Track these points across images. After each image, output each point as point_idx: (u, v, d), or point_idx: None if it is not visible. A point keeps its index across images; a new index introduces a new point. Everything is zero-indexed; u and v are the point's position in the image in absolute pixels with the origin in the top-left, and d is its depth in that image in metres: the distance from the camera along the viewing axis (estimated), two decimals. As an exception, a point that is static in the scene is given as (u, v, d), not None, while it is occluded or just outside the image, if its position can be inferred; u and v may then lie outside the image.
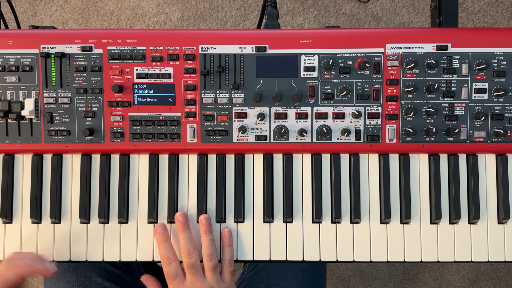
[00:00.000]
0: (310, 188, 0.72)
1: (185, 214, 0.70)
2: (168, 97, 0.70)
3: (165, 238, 0.69)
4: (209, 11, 1.52)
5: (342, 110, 0.70)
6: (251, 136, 0.71)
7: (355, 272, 1.50)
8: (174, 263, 0.67)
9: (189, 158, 0.73)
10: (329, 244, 0.71)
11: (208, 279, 0.68)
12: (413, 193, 0.72)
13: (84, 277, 0.83)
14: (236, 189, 0.72)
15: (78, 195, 0.72)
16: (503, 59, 0.69)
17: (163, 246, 0.68)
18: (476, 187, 0.72)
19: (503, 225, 0.72)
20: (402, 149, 0.71)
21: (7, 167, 0.72)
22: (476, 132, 0.70)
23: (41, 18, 1.53)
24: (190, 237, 0.69)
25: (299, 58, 0.70)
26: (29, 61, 0.70)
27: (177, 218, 0.69)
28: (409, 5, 1.51)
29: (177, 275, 0.67)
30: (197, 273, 0.67)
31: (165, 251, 0.68)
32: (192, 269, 0.67)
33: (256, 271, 0.88)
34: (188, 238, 0.68)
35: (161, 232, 0.69)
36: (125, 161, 0.72)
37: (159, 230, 0.69)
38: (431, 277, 1.51)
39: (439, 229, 0.72)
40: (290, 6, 1.51)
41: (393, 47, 0.70)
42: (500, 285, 1.52)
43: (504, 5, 1.51)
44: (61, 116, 0.70)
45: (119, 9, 1.52)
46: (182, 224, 0.69)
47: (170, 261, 0.67)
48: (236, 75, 0.70)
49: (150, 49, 0.70)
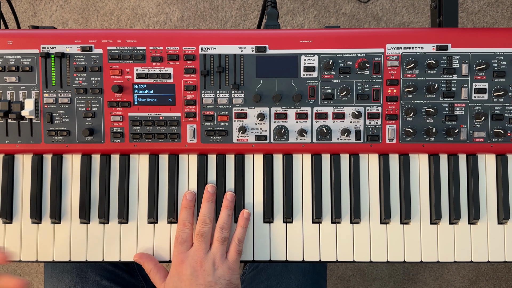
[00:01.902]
0: (310, 188, 0.72)
1: (214, 187, 0.71)
2: (168, 97, 0.70)
3: (190, 205, 0.70)
4: (209, 11, 1.52)
5: (342, 110, 0.70)
6: (251, 136, 0.71)
7: (355, 272, 1.50)
8: (187, 230, 0.69)
9: (189, 158, 0.73)
10: (329, 244, 0.71)
11: (213, 250, 0.68)
12: (413, 193, 0.72)
13: (84, 277, 0.83)
14: (236, 189, 0.72)
15: (78, 195, 0.72)
16: (503, 59, 0.69)
17: (184, 211, 0.70)
18: (476, 187, 0.72)
19: (503, 225, 0.72)
20: (402, 149, 0.71)
21: (7, 167, 0.72)
22: (476, 132, 0.70)
23: (41, 18, 1.53)
24: (211, 209, 0.70)
25: (299, 58, 0.70)
26: (29, 61, 0.70)
27: (206, 188, 0.71)
28: (409, 5, 1.51)
29: (185, 241, 0.68)
30: (204, 243, 0.68)
31: (185, 217, 0.69)
32: (201, 237, 0.67)
33: (256, 271, 0.88)
34: (210, 209, 0.70)
35: (189, 199, 0.70)
36: (125, 161, 0.72)
37: (188, 197, 0.70)
38: (431, 277, 1.51)
39: (439, 229, 0.72)
40: (290, 6, 1.51)
41: (393, 47, 0.70)
42: (500, 285, 1.52)
43: (504, 5, 1.51)
44: (61, 116, 0.70)
45: (119, 9, 1.52)
46: (209, 194, 0.70)
47: (185, 227, 0.69)
48: (236, 75, 0.70)
49: (150, 49, 0.70)
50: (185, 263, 0.67)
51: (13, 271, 1.52)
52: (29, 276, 1.52)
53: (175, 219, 0.72)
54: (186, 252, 0.68)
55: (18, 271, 1.52)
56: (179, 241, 0.68)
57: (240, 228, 0.70)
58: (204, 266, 0.66)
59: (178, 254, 0.68)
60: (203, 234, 0.68)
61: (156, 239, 0.72)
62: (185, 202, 0.70)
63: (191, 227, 0.69)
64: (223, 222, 0.69)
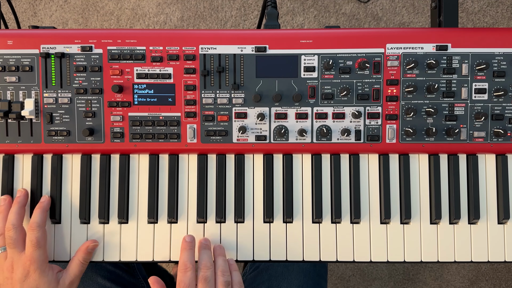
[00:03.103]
0: (310, 188, 0.72)
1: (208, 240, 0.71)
2: (168, 97, 0.70)
3: (190, 247, 0.69)
4: (209, 11, 1.52)
5: (342, 110, 0.70)
6: (251, 136, 0.71)
7: (355, 272, 1.50)
8: (190, 272, 0.66)
9: (189, 158, 0.73)
10: (329, 244, 0.71)
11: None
12: (413, 193, 0.72)
13: (84, 277, 0.83)
14: (236, 189, 0.72)
15: (78, 195, 0.72)
16: (503, 59, 0.69)
17: (185, 253, 0.67)
18: (476, 187, 0.72)
19: (503, 225, 0.72)
20: (402, 149, 0.71)
21: (7, 167, 0.72)
22: (476, 132, 0.70)
23: (41, 18, 1.53)
24: (210, 255, 0.68)
25: (299, 58, 0.70)
26: (29, 61, 0.70)
27: (200, 241, 0.70)
28: (409, 5, 1.51)
29: (190, 285, 0.65)
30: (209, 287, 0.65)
31: (186, 259, 0.67)
32: (205, 282, 0.65)
33: (257, 272, 0.88)
34: (209, 256, 0.68)
35: (189, 241, 0.69)
36: (125, 161, 0.72)
37: (187, 240, 0.69)
38: (431, 277, 1.51)
39: (439, 229, 0.72)
40: (290, 6, 1.51)
41: (393, 47, 0.70)
42: (500, 285, 1.52)
43: (504, 5, 1.51)
44: (61, 116, 0.70)
45: (119, 9, 1.52)
46: (204, 245, 0.70)
47: (186, 270, 0.65)
48: (236, 75, 0.70)
49: (150, 49, 0.70)
50: None
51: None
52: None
53: (175, 219, 0.72)
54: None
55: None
56: (182, 286, 0.64)
57: (235, 272, 0.69)
58: None
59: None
60: (207, 278, 0.65)
61: (156, 239, 0.72)
62: (185, 245, 0.68)
63: (193, 268, 0.66)
64: (223, 267, 0.67)
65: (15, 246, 0.65)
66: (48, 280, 0.65)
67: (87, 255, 0.69)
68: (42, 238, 0.66)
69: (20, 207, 0.68)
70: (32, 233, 0.66)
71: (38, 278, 0.65)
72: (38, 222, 0.67)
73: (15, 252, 0.65)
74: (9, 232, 0.66)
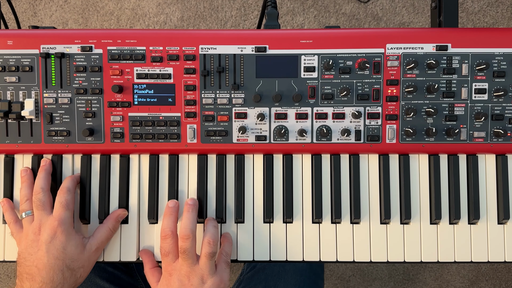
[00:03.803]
0: (310, 188, 0.72)
1: (195, 200, 0.70)
2: (168, 97, 0.70)
3: (171, 212, 0.67)
4: (209, 11, 1.52)
5: (342, 110, 0.70)
6: (251, 136, 0.71)
7: (355, 272, 1.50)
8: (169, 239, 0.65)
9: (189, 158, 0.73)
10: (329, 244, 0.71)
11: (201, 265, 0.65)
12: (413, 193, 0.72)
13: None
14: (236, 189, 0.72)
15: (78, 195, 0.72)
16: (503, 59, 0.69)
17: (166, 219, 0.67)
18: (476, 187, 0.72)
19: (503, 225, 0.72)
20: (402, 149, 0.71)
21: (8, 168, 0.72)
22: (476, 132, 0.70)
23: (41, 18, 1.53)
24: (192, 219, 0.66)
25: (299, 58, 0.70)
26: (29, 61, 0.70)
27: (187, 201, 0.69)
28: (409, 5, 1.51)
29: (170, 253, 0.65)
30: (189, 258, 0.64)
31: (166, 225, 0.66)
32: (184, 254, 0.64)
33: (254, 272, 0.88)
34: (190, 220, 0.66)
35: (171, 206, 0.68)
36: (125, 161, 0.72)
37: (170, 205, 0.68)
38: (431, 277, 1.51)
39: (439, 229, 0.72)
40: (290, 6, 1.51)
41: (393, 47, 0.70)
42: (500, 285, 1.52)
43: (504, 5, 1.51)
44: (61, 116, 0.70)
45: (119, 9, 1.52)
46: (189, 206, 0.68)
47: (166, 237, 0.65)
48: (236, 75, 0.70)
49: (150, 49, 0.70)
50: (173, 276, 0.65)
51: (13, 271, 1.52)
52: (29, 276, 1.52)
53: (175, 219, 0.71)
54: (172, 264, 0.65)
55: (18, 271, 1.52)
56: (163, 253, 0.66)
57: (227, 243, 0.69)
58: (191, 280, 0.64)
59: (166, 266, 0.66)
60: (185, 250, 0.64)
61: (156, 239, 0.72)
62: (167, 210, 0.68)
63: (172, 235, 0.66)
64: (210, 235, 0.66)
65: (44, 208, 0.66)
66: (75, 243, 0.66)
67: (116, 223, 0.70)
68: (71, 202, 0.67)
69: (47, 174, 0.69)
70: (62, 195, 0.67)
71: (65, 240, 0.65)
72: (68, 187, 0.68)
73: (43, 214, 0.66)
74: (38, 195, 0.67)
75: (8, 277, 1.52)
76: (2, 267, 1.52)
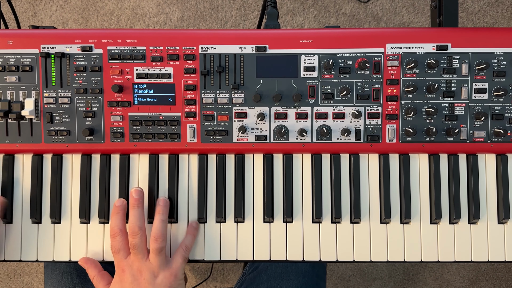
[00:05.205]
0: (310, 188, 0.72)
1: (140, 191, 0.69)
2: (168, 97, 0.70)
3: (117, 211, 0.68)
4: (209, 11, 1.52)
5: (342, 110, 0.70)
6: (251, 136, 0.71)
7: (355, 272, 1.50)
8: (118, 237, 0.67)
9: (189, 158, 0.73)
10: (329, 244, 0.71)
11: (151, 260, 0.66)
12: (413, 193, 0.72)
13: (84, 278, 0.83)
14: (236, 189, 0.72)
15: (78, 195, 0.72)
16: (503, 59, 0.69)
17: (113, 218, 0.68)
18: (476, 187, 0.72)
19: (503, 225, 0.72)
20: (402, 149, 0.71)
21: (7, 167, 0.72)
22: (476, 132, 0.70)
23: (41, 18, 1.53)
24: (139, 215, 0.67)
25: (299, 58, 0.70)
26: (29, 61, 0.70)
27: (131, 193, 0.69)
28: (409, 5, 1.51)
29: (120, 250, 0.66)
30: (139, 254, 0.66)
31: (113, 224, 0.67)
32: (134, 250, 0.66)
33: (256, 273, 0.88)
34: (137, 217, 0.67)
35: (117, 205, 0.68)
36: (125, 161, 0.72)
37: (116, 204, 0.69)
38: (431, 277, 1.51)
39: (439, 229, 0.72)
40: (290, 6, 1.51)
41: (393, 47, 0.70)
42: (500, 285, 1.52)
43: (504, 5, 1.51)
44: (61, 116, 0.70)
45: (119, 9, 1.52)
46: (135, 200, 0.68)
47: (115, 235, 0.67)
48: (236, 75, 0.70)
49: (150, 49, 0.70)
50: (125, 272, 0.66)
51: (13, 271, 1.52)
52: (29, 276, 1.52)
53: (175, 219, 0.72)
54: (124, 260, 0.67)
55: (18, 271, 1.52)
56: (113, 250, 0.67)
57: (189, 235, 0.70)
58: (144, 275, 0.66)
59: (118, 262, 0.67)
60: (135, 246, 0.66)
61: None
62: (113, 209, 0.69)
63: (121, 233, 0.67)
64: (156, 231, 0.67)
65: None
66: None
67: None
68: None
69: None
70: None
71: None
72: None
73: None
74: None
75: (8, 277, 1.52)
76: (2, 267, 1.52)
